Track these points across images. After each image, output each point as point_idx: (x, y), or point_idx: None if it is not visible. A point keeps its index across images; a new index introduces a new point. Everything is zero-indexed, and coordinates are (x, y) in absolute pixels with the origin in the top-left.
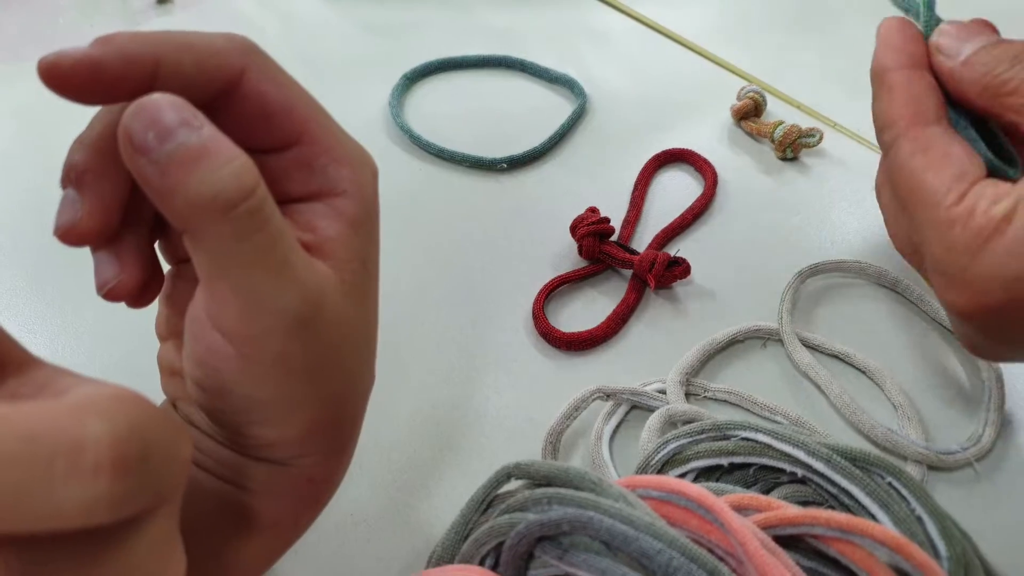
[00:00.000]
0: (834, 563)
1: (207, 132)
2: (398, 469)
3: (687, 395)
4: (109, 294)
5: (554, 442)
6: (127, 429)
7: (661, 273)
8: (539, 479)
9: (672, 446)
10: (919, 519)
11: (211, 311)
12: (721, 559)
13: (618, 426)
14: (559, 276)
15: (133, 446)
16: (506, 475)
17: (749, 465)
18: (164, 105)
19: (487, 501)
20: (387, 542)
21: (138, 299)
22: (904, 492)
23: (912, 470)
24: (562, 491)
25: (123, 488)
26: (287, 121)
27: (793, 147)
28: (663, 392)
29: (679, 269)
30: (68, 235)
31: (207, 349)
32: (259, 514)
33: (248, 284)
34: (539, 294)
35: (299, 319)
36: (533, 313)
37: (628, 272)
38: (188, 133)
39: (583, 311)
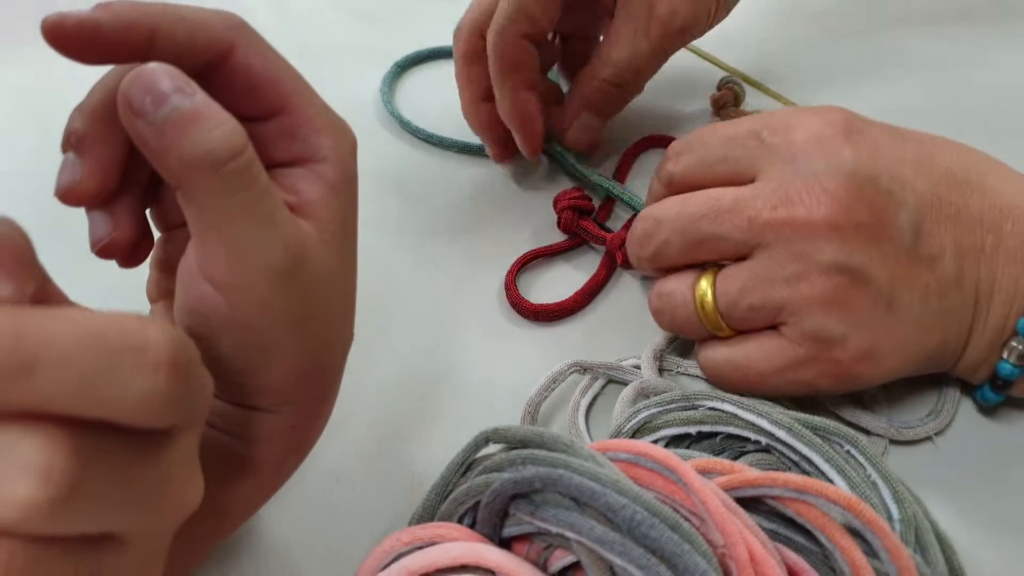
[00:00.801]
0: (793, 524)
1: (200, 98)
2: (383, 438)
3: (661, 371)
4: (102, 251)
5: (532, 412)
6: (180, 341)
7: None
8: (515, 443)
9: (643, 415)
10: (874, 484)
11: (202, 262)
12: (685, 519)
13: (594, 399)
14: (534, 249)
15: (184, 355)
16: (484, 439)
17: (716, 434)
18: (160, 73)
19: (466, 464)
20: (370, 504)
21: (129, 258)
22: (861, 459)
23: (874, 443)
24: (536, 452)
25: (175, 389)
26: (272, 92)
27: None
28: (638, 367)
29: None
30: (68, 195)
31: (198, 298)
32: (245, 459)
33: (236, 236)
34: (513, 266)
35: (283, 270)
36: (505, 283)
37: (603, 250)
38: (182, 99)
39: (558, 284)
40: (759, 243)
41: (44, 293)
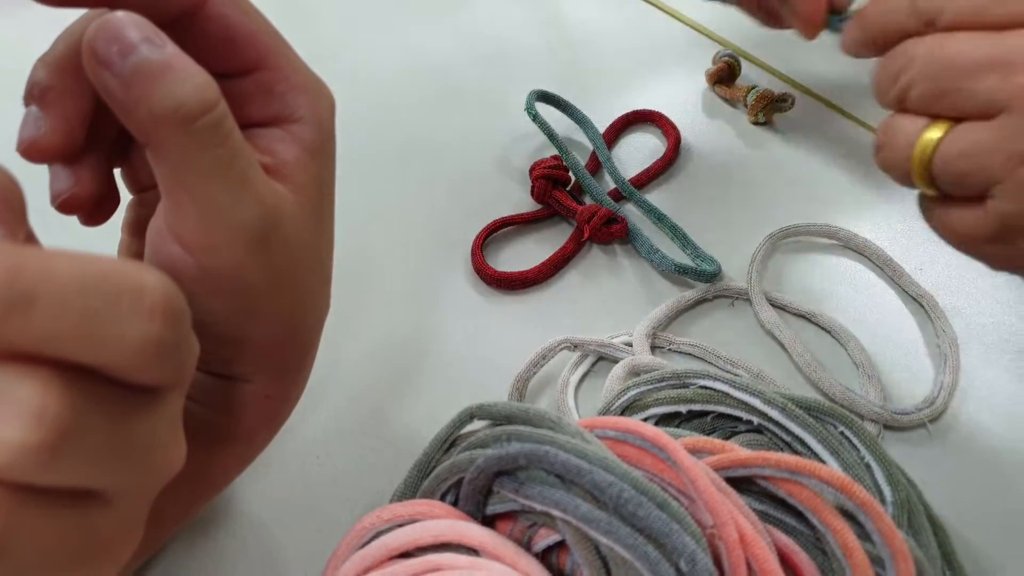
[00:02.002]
0: (784, 506)
1: (170, 50)
2: (364, 413)
3: (653, 348)
4: (63, 205)
5: (520, 388)
6: (174, 288)
7: (598, 227)
8: (500, 419)
9: (632, 393)
10: (867, 466)
11: (172, 223)
12: (674, 498)
13: (584, 376)
14: (504, 217)
15: (178, 304)
16: (469, 415)
17: (707, 413)
18: (127, 22)
19: (450, 440)
20: (351, 482)
21: (91, 215)
22: (855, 441)
23: (868, 428)
24: (521, 428)
25: (169, 337)
26: (248, 47)
27: (766, 111)
28: (630, 344)
29: (616, 227)
30: (30, 150)
31: (167, 261)
32: (218, 430)
33: (208, 195)
34: (481, 232)
35: (257, 233)
36: (471, 249)
37: (575, 222)
38: (151, 49)
39: (526, 253)
40: (1004, 108)
41: (32, 244)
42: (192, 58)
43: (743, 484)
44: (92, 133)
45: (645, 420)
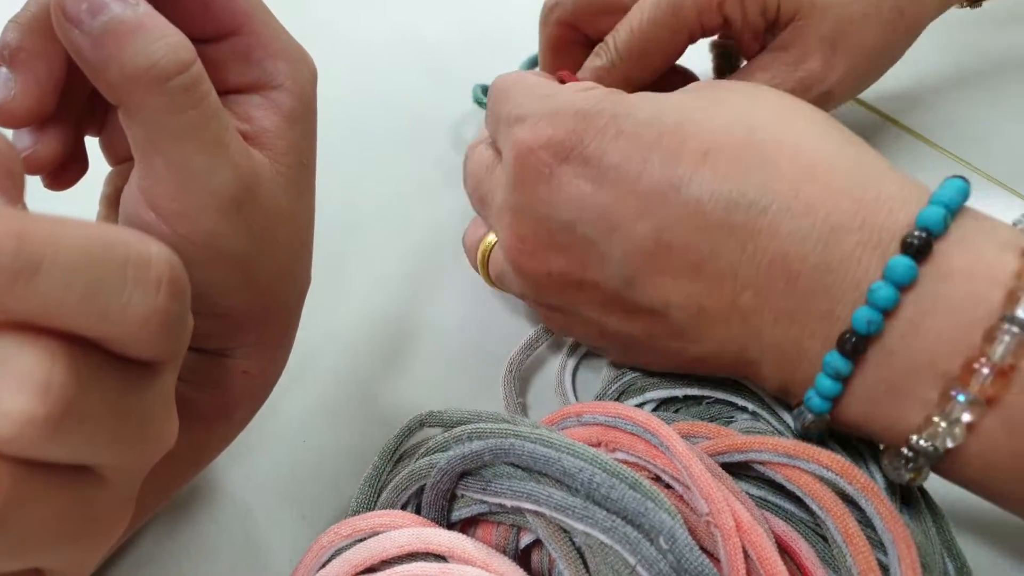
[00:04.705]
0: (782, 491)
1: (142, 8)
2: (353, 396)
3: None
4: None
5: (514, 371)
6: (178, 260)
7: None
8: (452, 425)
9: (628, 376)
10: (859, 453)
11: (145, 188)
12: (668, 485)
13: (582, 358)
14: None
15: (182, 276)
16: (419, 423)
17: (703, 399)
18: None
19: (399, 451)
20: (339, 468)
21: (55, 177)
22: None
23: None
24: (480, 426)
25: (173, 310)
26: (226, 11)
27: None
28: None
29: None
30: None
31: (141, 228)
32: (195, 405)
33: (182, 159)
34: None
35: (232, 199)
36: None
37: None
38: (122, 7)
39: None
40: (497, 228)
41: None
42: (168, 20)
43: (739, 470)
44: (63, 96)
45: (642, 405)
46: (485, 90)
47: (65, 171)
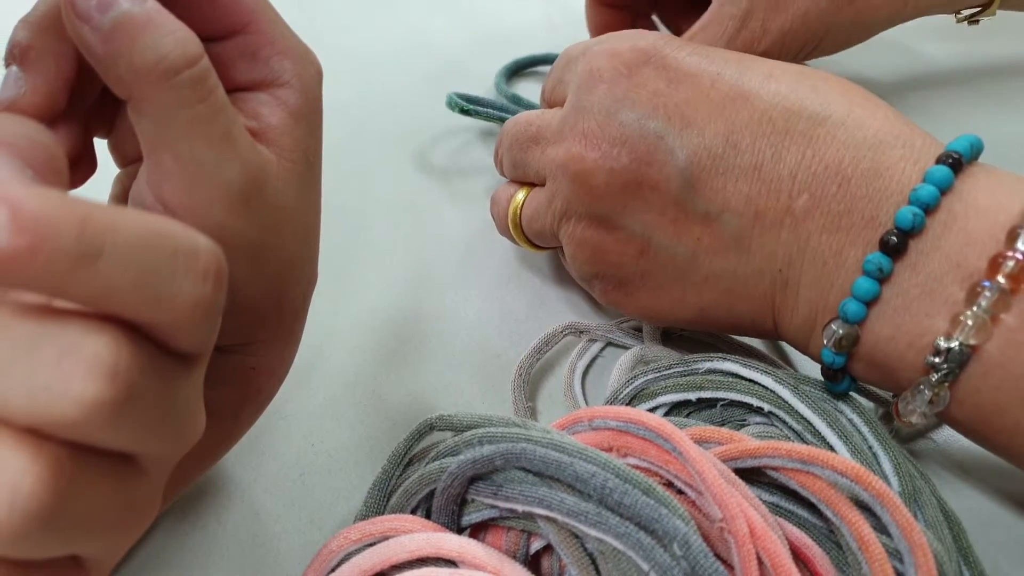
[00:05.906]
0: (796, 497)
1: (151, 5)
2: (363, 399)
3: (663, 331)
4: None
5: (524, 375)
6: (222, 253)
7: None
8: (462, 429)
9: (639, 381)
10: (874, 455)
11: (154, 182)
12: (680, 491)
13: (592, 362)
14: None
15: (225, 268)
16: (428, 427)
17: (716, 401)
18: None
19: (408, 456)
20: (348, 471)
21: None
22: (864, 429)
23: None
24: (491, 430)
25: (218, 301)
26: (232, 9)
27: None
28: (638, 330)
29: None
30: (9, 111)
31: None
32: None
33: (190, 153)
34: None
35: (240, 193)
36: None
37: None
38: (132, 4)
39: None
40: (546, 175)
41: None
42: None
43: (753, 475)
44: (73, 96)
45: (653, 409)
46: (463, 97)
47: (73, 170)
